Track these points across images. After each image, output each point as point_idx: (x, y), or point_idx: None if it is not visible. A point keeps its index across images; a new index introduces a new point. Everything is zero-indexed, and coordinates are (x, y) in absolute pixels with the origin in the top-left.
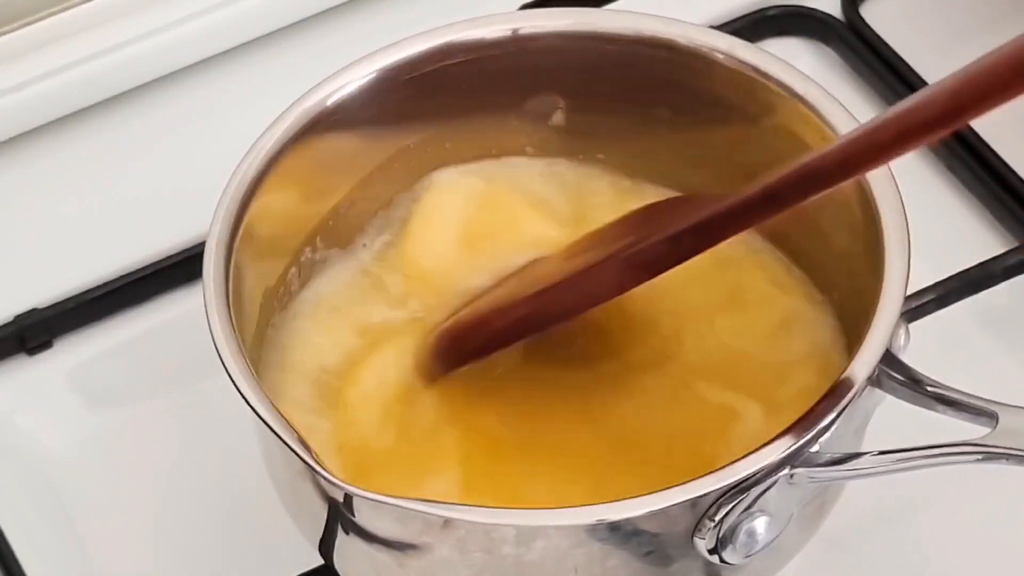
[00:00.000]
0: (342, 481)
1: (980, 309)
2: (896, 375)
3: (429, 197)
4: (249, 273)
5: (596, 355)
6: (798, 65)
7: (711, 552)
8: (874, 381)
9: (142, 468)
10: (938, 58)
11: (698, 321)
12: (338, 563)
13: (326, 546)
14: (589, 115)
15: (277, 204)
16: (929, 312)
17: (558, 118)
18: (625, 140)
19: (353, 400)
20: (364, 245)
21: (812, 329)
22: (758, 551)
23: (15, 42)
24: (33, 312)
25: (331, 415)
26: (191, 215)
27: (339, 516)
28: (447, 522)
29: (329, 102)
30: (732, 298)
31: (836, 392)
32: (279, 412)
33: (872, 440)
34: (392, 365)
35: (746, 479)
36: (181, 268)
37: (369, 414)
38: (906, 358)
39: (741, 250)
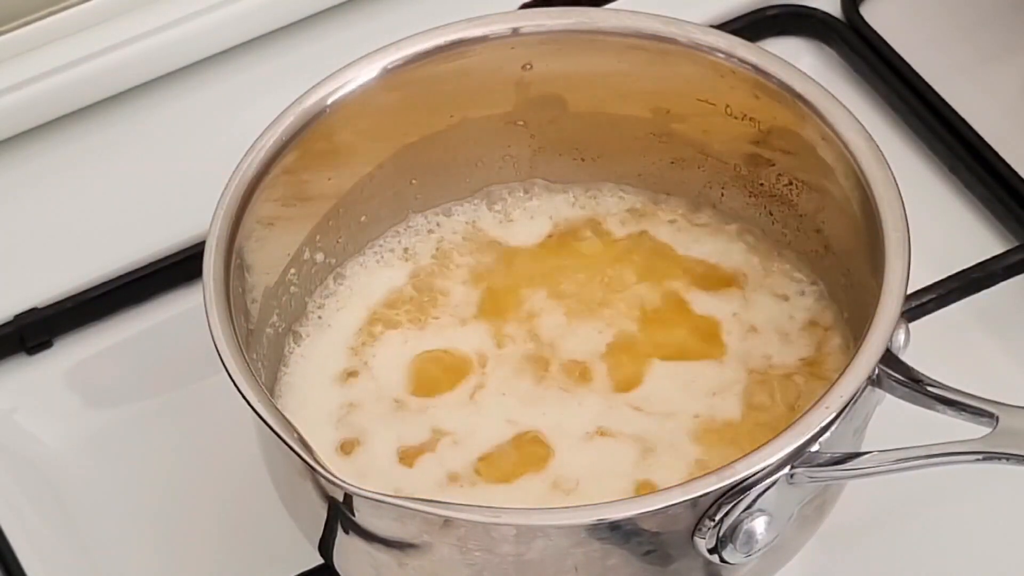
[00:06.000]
0: (342, 481)
1: (980, 309)
2: (896, 375)
3: None
4: (249, 273)
5: None
6: (798, 65)
7: (711, 551)
8: (874, 381)
9: (142, 468)
10: (938, 58)
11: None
12: (338, 563)
13: (326, 546)
14: (588, 114)
15: (277, 204)
16: (929, 312)
17: (558, 118)
18: (623, 140)
19: None
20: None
21: (811, 328)
22: (758, 551)
23: (15, 42)
24: (33, 312)
25: None
26: (191, 215)
27: (339, 515)
28: (447, 521)
29: (329, 101)
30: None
31: (836, 392)
32: (279, 412)
33: (872, 440)
34: None
35: (746, 479)
36: (181, 268)
37: None
38: (906, 358)
39: (740, 251)
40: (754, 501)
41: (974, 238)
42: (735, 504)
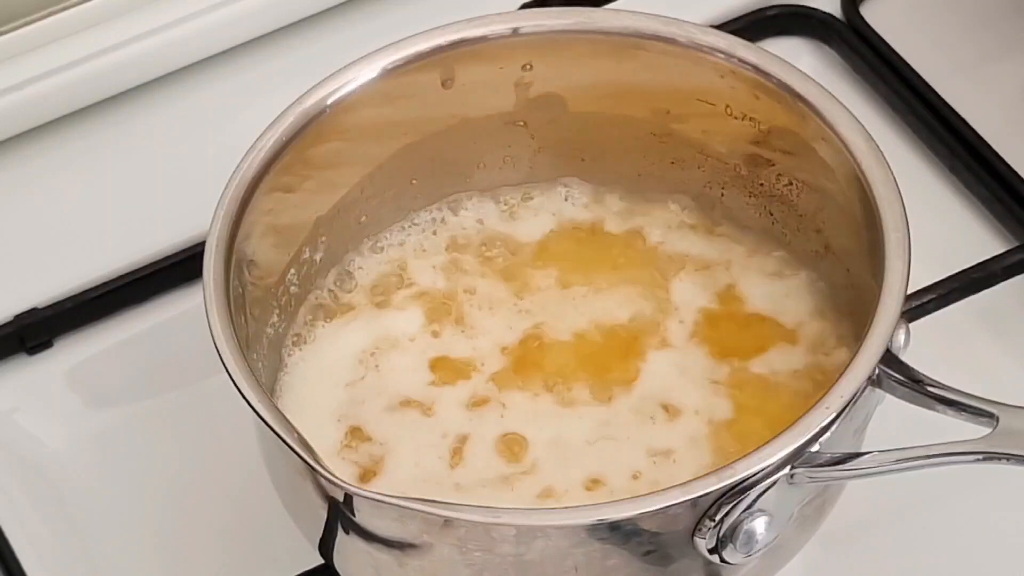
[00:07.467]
0: (342, 481)
1: (980, 309)
2: (896, 375)
3: None
4: (249, 273)
5: None
6: (798, 65)
7: (711, 552)
8: (874, 381)
9: (142, 468)
10: (938, 58)
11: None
12: (338, 563)
13: (326, 546)
14: (588, 114)
15: (277, 204)
16: (929, 312)
17: (558, 118)
18: (623, 140)
19: None
20: None
21: (812, 329)
22: (758, 551)
23: (15, 42)
24: (33, 312)
25: None
26: (191, 215)
27: (339, 516)
28: (447, 521)
29: (329, 102)
30: (732, 299)
31: (836, 392)
32: (279, 412)
33: (872, 440)
34: None
35: (746, 479)
36: (181, 268)
37: None
38: (906, 358)
39: (739, 251)
40: (754, 501)
41: (974, 238)
42: (735, 504)
